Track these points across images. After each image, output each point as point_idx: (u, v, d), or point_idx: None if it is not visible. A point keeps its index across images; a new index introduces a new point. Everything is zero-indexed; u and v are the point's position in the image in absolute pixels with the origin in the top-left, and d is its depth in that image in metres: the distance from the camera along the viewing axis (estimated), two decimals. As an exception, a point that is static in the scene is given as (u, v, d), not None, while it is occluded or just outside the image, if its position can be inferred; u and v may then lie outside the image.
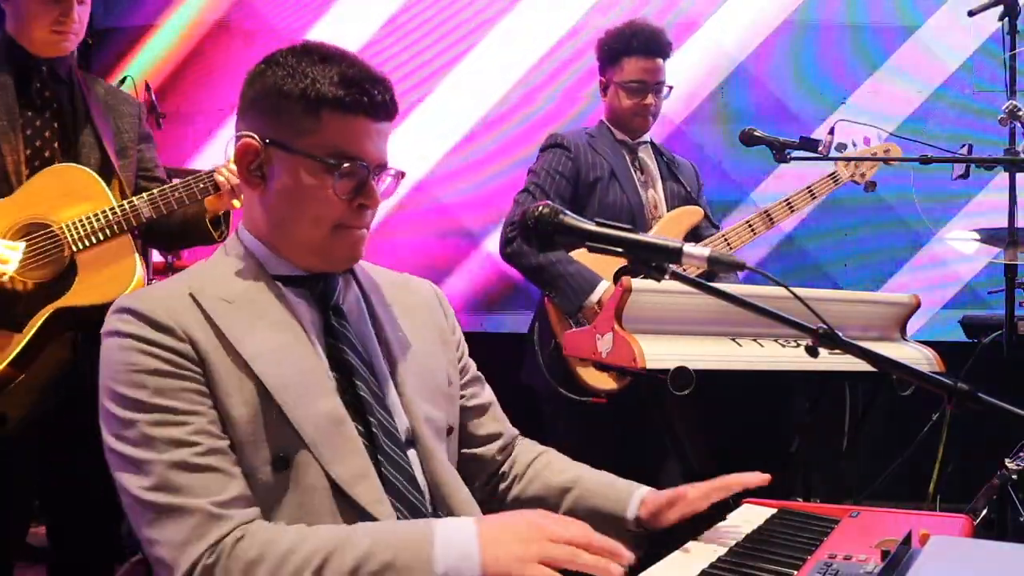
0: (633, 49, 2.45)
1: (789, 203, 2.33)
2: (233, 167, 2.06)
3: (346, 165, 1.13)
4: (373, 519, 1.06)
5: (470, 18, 4.20)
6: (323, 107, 1.12)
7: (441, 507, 1.17)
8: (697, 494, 1.22)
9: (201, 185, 1.99)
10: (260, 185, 1.16)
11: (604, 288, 2.23)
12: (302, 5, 4.31)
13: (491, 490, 1.39)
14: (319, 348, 1.15)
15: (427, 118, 4.10)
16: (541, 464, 1.39)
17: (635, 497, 1.28)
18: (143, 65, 4.41)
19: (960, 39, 3.81)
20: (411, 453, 1.18)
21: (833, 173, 2.35)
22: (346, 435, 1.09)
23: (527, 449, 1.43)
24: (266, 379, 1.06)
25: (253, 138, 1.15)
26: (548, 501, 1.33)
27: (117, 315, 1.08)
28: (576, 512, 1.29)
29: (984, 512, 2.15)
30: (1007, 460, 2.22)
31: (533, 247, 1.17)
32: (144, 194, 1.99)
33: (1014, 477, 2.18)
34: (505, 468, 1.39)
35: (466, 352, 1.40)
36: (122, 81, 3.27)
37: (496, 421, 1.41)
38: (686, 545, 1.15)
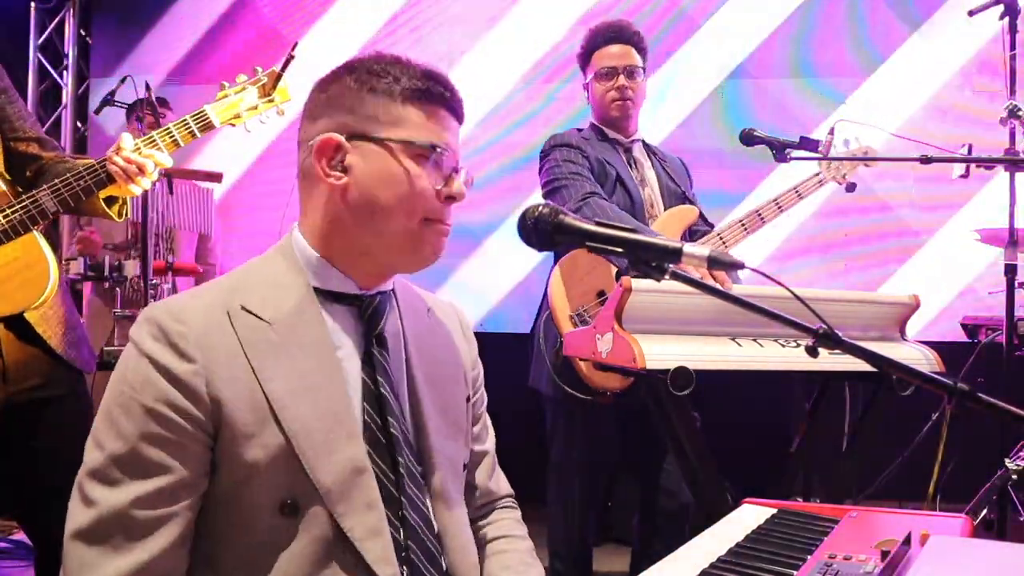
0: (600, 42, 2.53)
1: (778, 203, 2.37)
2: (130, 155, 1.78)
3: (439, 150, 1.10)
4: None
5: (470, 18, 4.20)
6: (408, 99, 1.10)
7: (442, 553, 1.14)
8: None
9: (106, 171, 1.79)
10: (343, 178, 1.10)
11: None
12: (303, 4, 4.32)
13: None
14: (353, 381, 1.10)
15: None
16: (495, 549, 1.28)
17: None
18: (143, 65, 4.41)
19: (960, 39, 3.82)
20: (428, 496, 1.14)
21: (818, 174, 2.39)
22: (364, 487, 1.05)
23: (500, 523, 1.33)
24: (288, 424, 1.01)
25: (331, 135, 1.10)
26: None
27: (147, 324, 1.02)
28: None
29: (984, 512, 2.15)
30: (1007, 460, 2.22)
31: (532, 247, 1.16)
32: (46, 187, 1.76)
33: (1014, 477, 2.18)
34: (475, 527, 1.29)
35: (482, 391, 1.35)
36: (122, 81, 3.27)
37: (486, 476, 1.32)
38: (686, 545, 1.15)
